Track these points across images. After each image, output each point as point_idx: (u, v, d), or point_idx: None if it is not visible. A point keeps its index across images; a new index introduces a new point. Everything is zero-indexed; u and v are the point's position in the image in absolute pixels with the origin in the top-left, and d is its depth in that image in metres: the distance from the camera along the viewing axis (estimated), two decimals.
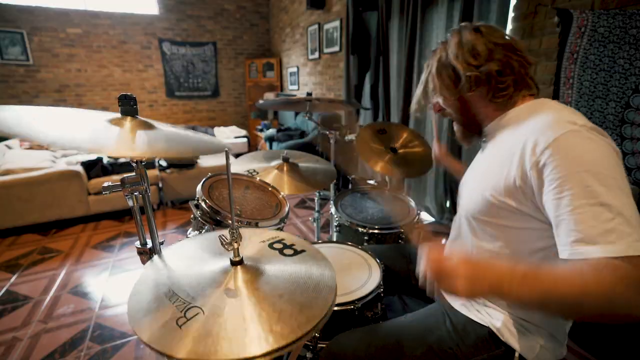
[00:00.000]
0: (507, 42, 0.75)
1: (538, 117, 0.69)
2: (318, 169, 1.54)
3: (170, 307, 0.57)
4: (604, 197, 0.55)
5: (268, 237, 0.81)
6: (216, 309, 0.56)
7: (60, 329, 1.77)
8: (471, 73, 0.75)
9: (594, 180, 0.56)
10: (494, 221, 0.75)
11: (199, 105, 6.37)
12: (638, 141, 1.47)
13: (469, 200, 0.82)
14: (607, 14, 1.49)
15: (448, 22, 2.52)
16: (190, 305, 0.57)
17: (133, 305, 0.59)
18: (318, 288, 0.62)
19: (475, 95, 0.78)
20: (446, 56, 0.79)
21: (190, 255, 0.74)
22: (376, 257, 1.12)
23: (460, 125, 0.90)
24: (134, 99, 0.76)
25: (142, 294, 0.62)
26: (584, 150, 0.59)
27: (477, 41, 0.75)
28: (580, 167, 0.58)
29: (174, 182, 3.44)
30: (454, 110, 0.86)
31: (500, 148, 0.76)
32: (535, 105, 0.74)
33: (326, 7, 4.28)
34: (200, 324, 0.53)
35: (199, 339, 0.50)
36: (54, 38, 5.06)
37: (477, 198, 0.77)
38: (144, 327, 0.53)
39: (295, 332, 0.52)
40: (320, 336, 0.92)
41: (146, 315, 0.56)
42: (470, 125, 0.87)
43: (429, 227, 1.40)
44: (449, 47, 0.79)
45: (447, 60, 0.79)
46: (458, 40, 0.78)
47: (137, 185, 0.75)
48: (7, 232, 2.87)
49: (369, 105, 3.59)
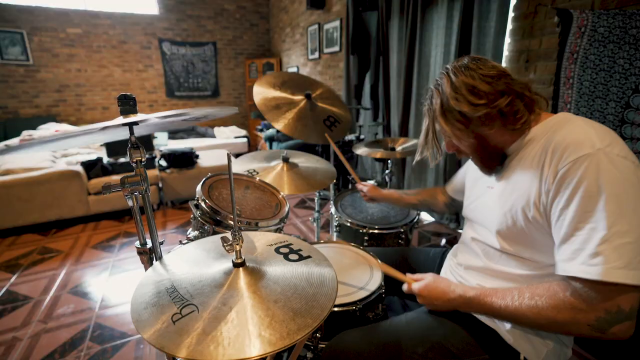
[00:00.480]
0: (500, 72, 0.74)
1: (564, 133, 0.68)
2: (318, 169, 1.54)
3: (169, 302, 0.58)
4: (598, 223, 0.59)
5: (275, 240, 0.80)
6: (210, 308, 0.56)
7: (60, 329, 1.77)
8: (480, 113, 0.72)
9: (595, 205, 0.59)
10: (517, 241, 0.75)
11: (199, 105, 6.37)
12: (638, 141, 1.47)
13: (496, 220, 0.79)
14: (607, 14, 1.49)
15: (448, 22, 2.52)
16: (188, 302, 0.58)
17: (136, 298, 0.61)
18: (316, 297, 0.60)
19: (492, 130, 0.76)
20: (447, 101, 0.76)
21: (199, 254, 0.74)
22: (377, 258, 1.12)
23: (480, 161, 0.85)
24: (133, 99, 0.76)
25: (146, 287, 0.64)
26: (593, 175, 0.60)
27: (473, 80, 0.73)
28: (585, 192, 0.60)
29: (173, 182, 3.44)
30: (471, 149, 0.82)
31: (528, 164, 0.73)
32: (562, 120, 0.72)
33: (326, 7, 4.29)
34: (193, 321, 0.53)
35: (186, 335, 0.51)
36: (54, 38, 5.06)
37: (508, 216, 0.75)
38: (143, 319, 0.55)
39: (283, 339, 0.50)
40: (322, 336, 0.92)
41: (146, 308, 0.58)
42: (492, 156, 0.82)
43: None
44: (445, 92, 0.76)
45: (449, 106, 0.76)
46: (451, 84, 0.75)
47: (137, 185, 0.75)
48: (7, 232, 2.87)
49: (369, 105, 3.59)
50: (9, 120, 4.94)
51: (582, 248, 0.60)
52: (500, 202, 0.80)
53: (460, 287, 0.80)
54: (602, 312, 0.58)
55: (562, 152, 0.64)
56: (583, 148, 0.62)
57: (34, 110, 5.18)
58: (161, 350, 0.49)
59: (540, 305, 0.64)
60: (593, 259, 0.58)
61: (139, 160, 0.76)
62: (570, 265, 0.61)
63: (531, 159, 0.72)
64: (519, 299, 0.67)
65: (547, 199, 0.67)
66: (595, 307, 0.59)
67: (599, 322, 0.59)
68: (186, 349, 0.49)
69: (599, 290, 0.58)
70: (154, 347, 0.50)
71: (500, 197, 0.80)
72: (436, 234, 2.74)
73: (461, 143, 0.82)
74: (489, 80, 0.73)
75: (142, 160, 0.77)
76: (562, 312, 0.62)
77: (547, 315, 0.63)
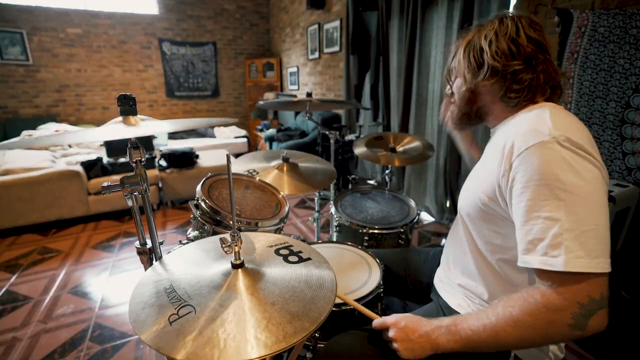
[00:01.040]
0: (540, 40, 0.73)
1: (526, 121, 0.69)
2: (318, 169, 1.54)
3: (167, 302, 0.58)
4: (555, 212, 0.58)
5: (276, 241, 0.80)
6: (208, 309, 0.56)
7: (60, 329, 1.77)
8: (495, 64, 0.73)
9: (550, 194, 0.59)
10: (485, 224, 0.76)
11: (199, 105, 6.37)
12: (638, 141, 1.46)
13: (465, 200, 0.82)
14: (607, 14, 1.49)
15: (448, 22, 2.52)
16: (185, 303, 0.57)
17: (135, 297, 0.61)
18: (314, 300, 0.59)
19: (488, 88, 0.77)
20: (480, 38, 0.76)
21: (198, 255, 0.74)
22: (376, 258, 1.12)
23: (460, 112, 0.86)
24: (133, 99, 0.76)
25: (146, 286, 0.63)
26: (547, 163, 0.60)
27: (515, 32, 0.72)
28: (541, 180, 0.60)
29: (173, 182, 3.44)
30: (460, 97, 0.84)
31: (495, 149, 0.74)
32: (534, 108, 0.73)
33: (326, 7, 4.28)
34: (190, 323, 0.53)
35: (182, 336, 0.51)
36: (54, 38, 5.06)
37: (471, 199, 0.78)
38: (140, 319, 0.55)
39: (279, 342, 0.50)
40: (320, 337, 0.92)
41: (144, 308, 0.57)
42: (470, 115, 0.85)
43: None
44: (486, 29, 0.76)
45: (478, 42, 0.76)
46: (498, 26, 0.74)
47: (137, 185, 0.75)
48: (7, 232, 2.87)
49: (369, 105, 3.59)
50: (9, 120, 4.94)
51: (540, 237, 0.59)
52: (471, 184, 0.82)
53: (434, 320, 0.72)
54: (575, 306, 0.57)
55: (520, 139, 0.65)
56: (538, 136, 0.62)
57: (34, 110, 5.18)
58: (158, 351, 0.49)
59: (515, 314, 0.61)
60: (554, 251, 0.57)
61: (138, 160, 0.76)
62: (531, 257, 0.61)
63: (499, 144, 0.73)
64: (493, 314, 0.64)
65: (505, 184, 0.66)
66: (567, 301, 0.58)
67: (576, 318, 0.58)
68: (183, 351, 0.48)
69: (565, 282, 0.58)
70: (151, 348, 0.50)
71: (472, 178, 0.83)
72: (436, 234, 2.74)
73: (457, 87, 0.84)
74: (523, 42, 0.72)
75: (142, 160, 0.77)
76: (538, 316, 0.59)
77: (525, 324, 0.60)
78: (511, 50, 0.72)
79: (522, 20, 0.74)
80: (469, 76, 0.79)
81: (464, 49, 0.80)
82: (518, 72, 0.72)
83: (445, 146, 2.69)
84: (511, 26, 0.73)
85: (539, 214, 0.60)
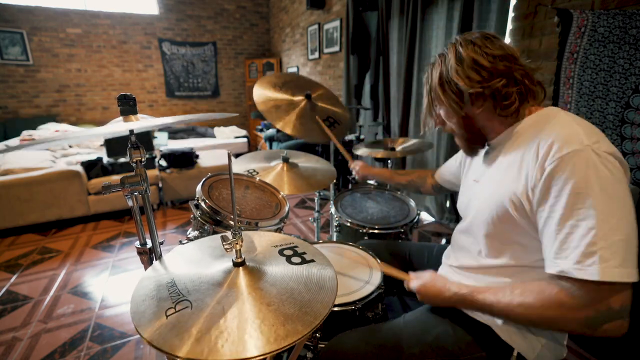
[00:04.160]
0: (506, 53, 0.73)
1: (551, 128, 0.68)
2: (318, 169, 1.54)
3: (167, 296, 0.59)
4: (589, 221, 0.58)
5: (280, 241, 0.79)
6: (205, 306, 0.56)
7: (60, 329, 1.77)
8: (474, 90, 0.73)
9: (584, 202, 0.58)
10: (503, 234, 0.75)
11: (199, 105, 6.37)
12: (638, 141, 1.46)
13: (480, 213, 0.80)
14: (607, 14, 1.49)
15: (448, 22, 2.52)
16: (183, 298, 0.58)
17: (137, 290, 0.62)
18: (311, 303, 0.58)
19: (481, 111, 0.77)
20: (447, 71, 0.76)
21: (198, 254, 0.74)
22: (376, 257, 1.12)
23: (464, 141, 0.86)
24: (133, 99, 0.76)
25: (148, 280, 0.64)
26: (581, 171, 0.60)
27: (476, 55, 0.73)
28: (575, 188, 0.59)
29: (173, 182, 3.44)
30: (457, 126, 0.83)
31: (514, 159, 0.73)
32: (549, 115, 0.72)
33: (326, 7, 4.28)
34: (185, 317, 0.53)
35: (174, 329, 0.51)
36: (54, 38, 5.06)
37: (492, 208, 0.75)
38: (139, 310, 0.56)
39: (270, 344, 0.48)
40: (321, 336, 0.92)
41: (144, 300, 0.58)
42: (475, 139, 0.84)
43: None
44: (449, 62, 0.76)
45: (448, 76, 0.76)
46: (456, 55, 0.75)
47: (137, 185, 0.75)
48: (7, 232, 2.87)
49: (369, 105, 3.59)
50: (9, 120, 4.94)
51: (574, 246, 0.59)
52: (484, 196, 0.80)
53: (455, 285, 0.80)
54: (591, 311, 0.58)
55: (550, 148, 0.64)
56: (571, 144, 0.62)
57: (34, 110, 5.18)
58: (156, 347, 0.49)
59: (529, 301, 0.64)
60: (588, 259, 0.57)
61: (138, 160, 0.76)
62: (564, 263, 0.60)
63: (517, 153, 0.72)
64: (510, 295, 0.68)
65: (533, 195, 0.66)
66: (585, 306, 0.58)
67: (588, 320, 0.59)
68: (182, 349, 0.48)
69: (590, 289, 0.58)
70: (148, 344, 0.50)
71: (484, 190, 0.82)
72: (436, 234, 2.74)
73: (449, 118, 0.84)
74: (490, 60, 0.72)
75: (142, 160, 0.77)
76: (550, 309, 0.62)
77: (536, 312, 0.63)
78: (482, 76, 0.72)
79: (476, 41, 0.74)
80: (456, 107, 0.78)
81: (439, 86, 0.79)
82: (501, 88, 0.72)
83: (445, 146, 2.69)
84: (467, 49, 0.74)
85: (572, 222, 0.59)
